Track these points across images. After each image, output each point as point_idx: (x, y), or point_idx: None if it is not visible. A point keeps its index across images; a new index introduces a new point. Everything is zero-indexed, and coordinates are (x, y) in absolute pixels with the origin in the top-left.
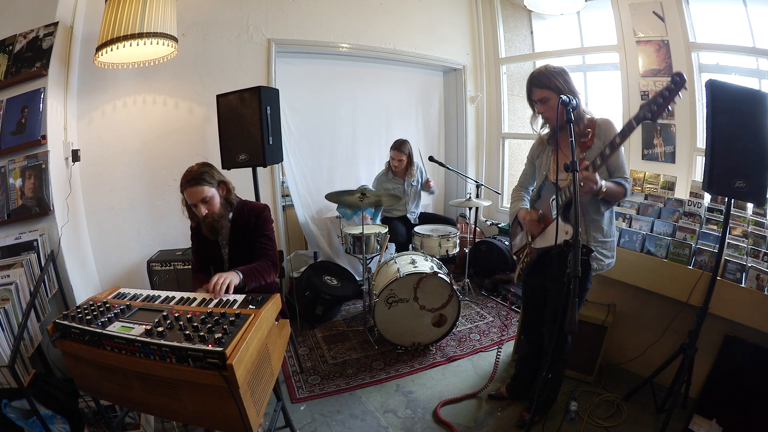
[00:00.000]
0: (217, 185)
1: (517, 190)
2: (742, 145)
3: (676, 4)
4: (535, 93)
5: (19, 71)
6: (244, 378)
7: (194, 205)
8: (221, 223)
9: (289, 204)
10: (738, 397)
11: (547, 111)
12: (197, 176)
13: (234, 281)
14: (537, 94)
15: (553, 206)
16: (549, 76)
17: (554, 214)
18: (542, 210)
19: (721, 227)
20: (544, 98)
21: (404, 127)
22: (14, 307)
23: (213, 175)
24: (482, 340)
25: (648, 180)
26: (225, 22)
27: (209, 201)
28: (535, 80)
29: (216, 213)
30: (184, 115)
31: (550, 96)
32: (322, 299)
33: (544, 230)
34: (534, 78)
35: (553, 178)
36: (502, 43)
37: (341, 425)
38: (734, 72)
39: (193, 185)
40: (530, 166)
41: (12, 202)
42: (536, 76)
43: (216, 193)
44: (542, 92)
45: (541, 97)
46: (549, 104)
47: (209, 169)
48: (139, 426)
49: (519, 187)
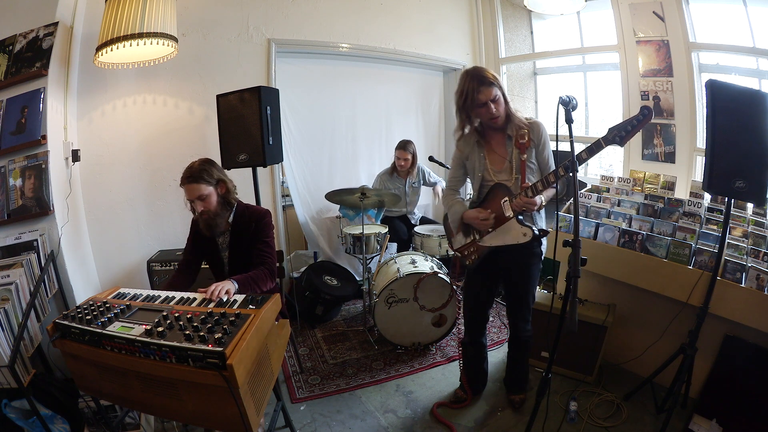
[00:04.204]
0: (216, 184)
1: (450, 194)
2: (742, 145)
3: (676, 4)
4: (487, 92)
5: (19, 71)
6: (244, 378)
7: (191, 201)
8: (216, 221)
9: (289, 204)
10: (738, 397)
11: (498, 108)
12: (195, 173)
13: (231, 290)
14: (489, 93)
15: (505, 207)
16: (495, 75)
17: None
18: (491, 210)
19: (721, 227)
20: (496, 96)
21: (404, 127)
22: (14, 307)
23: (212, 174)
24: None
25: (648, 180)
26: (225, 22)
27: (205, 199)
28: (483, 79)
29: (212, 211)
30: (184, 115)
31: (499, 94)
32: (322, 299)
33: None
34: (481, 77)
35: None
36: (502, 43)
37: (341, 425)
38: (734, 72)
39: (190, 182)
40: (458, 168)
41: (12, 202)
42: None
43: (213, 191)
44: (493, 90)
45: (494, 95)
46: (499, 101)
47: (209, 167)
48: (139, 426)
49: (451, 191)
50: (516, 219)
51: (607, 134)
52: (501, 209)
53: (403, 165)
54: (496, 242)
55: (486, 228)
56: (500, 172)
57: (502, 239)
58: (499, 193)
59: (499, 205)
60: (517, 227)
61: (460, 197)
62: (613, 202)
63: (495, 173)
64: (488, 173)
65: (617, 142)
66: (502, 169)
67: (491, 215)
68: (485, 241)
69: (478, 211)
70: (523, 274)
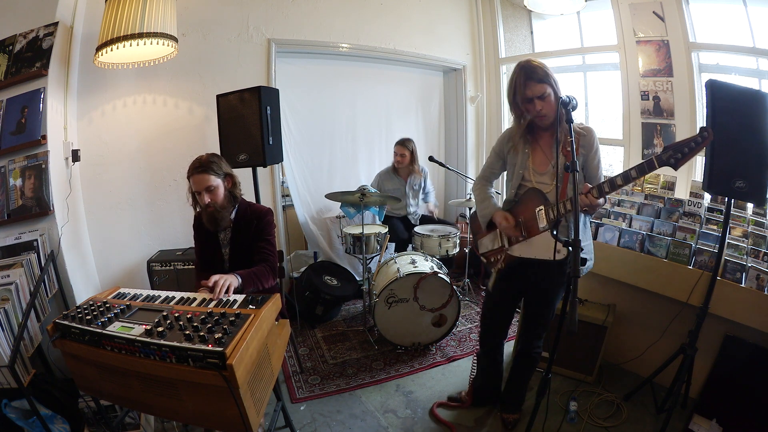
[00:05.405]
0: (224, 177)
1: (482, 185)
2: (742, 145)
3: (676, 4)
4: (535, 88)
5: (19, 71)
6: (244, 378)
7: (198, 193)
8: (222, 214)
9: (289, 204)
10: (738, 397)
11: (545, 107)
12: (205, 164)
13: (233, 284)
14: (537, 90)
15: (539, 216)
16: (546, 71)
17: (542, 226)
18: (524, 217)
19: (721, 227)
20: (545, 94)
21: (404, 127)
22: (14, 307)
23: (221, 166)
24: None
25: (648, 180)
26: (225, 22)
27: (213, 190)
28: (533, 74)
29: (218, 203)
30: (184, 115)
31: (550, 92)
32: (322, 299)
33: (526, 239)
34: (531, 72)
35: (530, 178)
36: (502, 43)
37: (341, 425)
38: (734, 72)
39: (200, 172)
40: (497, 159)
41: (12, 202)
42: (533, 69)
43: (221, 183)
44: (542, 87)
45: (542, 92)
46: (548, 100)
47: (218, 160)
48: (139, 426)
49: (484, 181)
50: (551, 233)
51: (662, 154)
52: (534, 218)
53: (401, 161)
54: (526, 254)
55: (515, 236)
56: (542, 175)
57: (533, 252)
58: (534, 199)
59: (532, 213)
60: (550, 242)
61: (492, 191)
62: (613, 202)
63: (536, 174)
64: (529, 173)
65: (671, 164)
66: (544, 171)
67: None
68: (514, 250)
69: (504, 216)
70: (548, 293)
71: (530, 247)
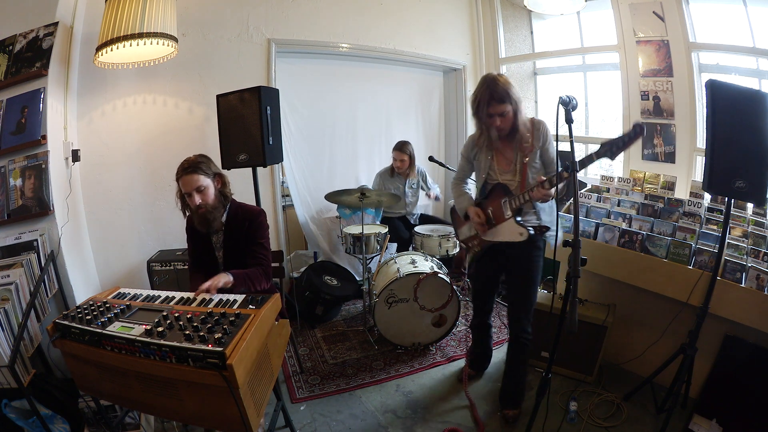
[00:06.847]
0: (213, 176)
1: (457, 184)
2: (742, 145)
3: (676, 4)
4: (497, 108)
5: (19, 71)
6: (244, 378)
7: (188, 194)
8: (213, 215)
9: (289, 204)
10: (738, 397)
11: (504, 123)
12: (194, 165)
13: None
14: (498, 109)
15: (505, 206)
16: (508, 91)
17: (507, 215)
18: (492, 208)
19: (721, 227)
20: (504, 112)
21: (404, 127)
22: (14, 307)
23: (210, 166)
24: None
25: (648, 180)
26: (225, 22)
27: (203, 191)
28: (495, 93)
29: (209, 204)
30: (184, 115)
31: (509, 110)
32: (322, 299)
33: (495, 227)
34: (494, 90)
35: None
36: (502, 43)
37: (341, 425)
38: (734, 72)
39: (189, 173)
40: (466, 162)
41: (12, 202)
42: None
43: (211, 183)
44: (503, 107)
45: (502, 111)
46: (507, 117)
47: (206, 160)
48: (139, 426)
49: (458, 181)
50: (514, 220)
51: (600, 149)
52: (501, 208)
53: (400, 166)
54: (496, 238)
55: (481, 231)
56: (505, 173)
57: (501, 236)
58: (499, 193)
59: (499, 204)
60: (515, 227)
61: (467, 188)
62: (613, 202)
63: (500, 173)
64: (493, 173)
65: (608, 156)
66: (507, 170)
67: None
68: (486, 235)
69: (476, 211)
70: (522, 265)
71: (499, 233)
